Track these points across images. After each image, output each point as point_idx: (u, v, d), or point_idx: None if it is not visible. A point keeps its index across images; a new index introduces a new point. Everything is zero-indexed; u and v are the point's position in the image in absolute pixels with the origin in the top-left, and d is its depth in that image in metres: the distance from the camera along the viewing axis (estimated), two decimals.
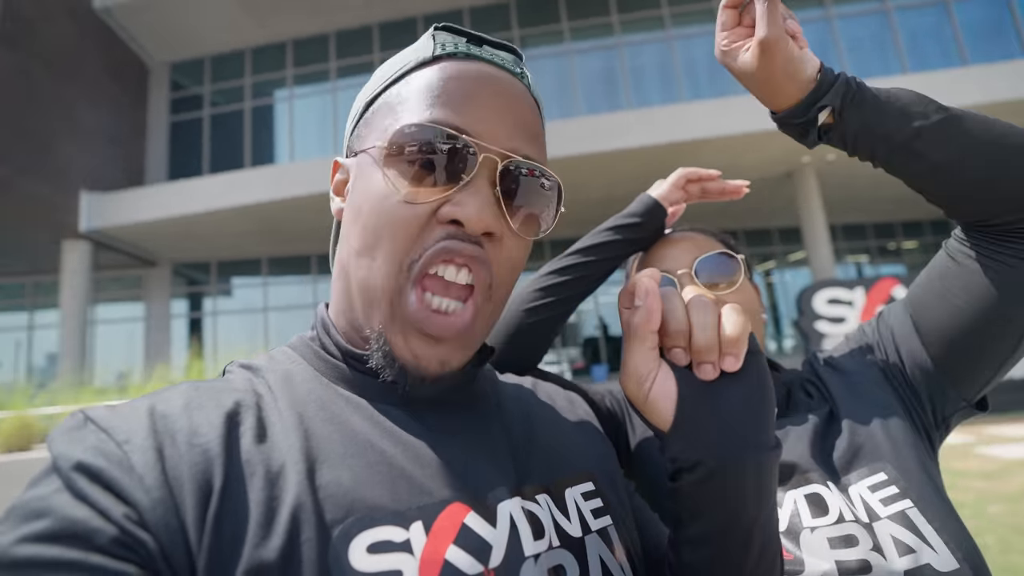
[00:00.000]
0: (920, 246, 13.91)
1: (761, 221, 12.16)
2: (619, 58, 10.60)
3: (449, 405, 0.44)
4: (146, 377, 6.93)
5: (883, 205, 12.18)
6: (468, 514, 0.36)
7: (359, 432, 0.38)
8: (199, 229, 9.72)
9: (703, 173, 0.79)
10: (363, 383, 0.42)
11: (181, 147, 11.63)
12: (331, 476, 0.35)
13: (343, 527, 0.33)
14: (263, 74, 11.55)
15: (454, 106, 0.39)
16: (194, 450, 0.33)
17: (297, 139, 11.40)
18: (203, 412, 0.36)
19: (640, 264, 0.76)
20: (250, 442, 0.35)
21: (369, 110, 0.44)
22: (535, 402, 0.53)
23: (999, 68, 7.87)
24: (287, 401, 0.39)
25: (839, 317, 6.22)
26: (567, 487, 0.45)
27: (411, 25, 11.12)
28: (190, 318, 11.93)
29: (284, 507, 0.33)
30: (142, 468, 0.31)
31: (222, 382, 0.40)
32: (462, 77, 0.41)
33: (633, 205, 0.77)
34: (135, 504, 0.30)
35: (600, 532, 0.43)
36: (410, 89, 0.41)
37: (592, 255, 0.75)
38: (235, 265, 11.98)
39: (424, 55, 0.42)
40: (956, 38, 9.83)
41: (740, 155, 8.49)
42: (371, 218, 0.40)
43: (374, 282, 0.40)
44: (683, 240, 0.73)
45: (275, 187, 8.70)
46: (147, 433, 0.33)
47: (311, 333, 0.47)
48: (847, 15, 10.19)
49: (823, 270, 8.90)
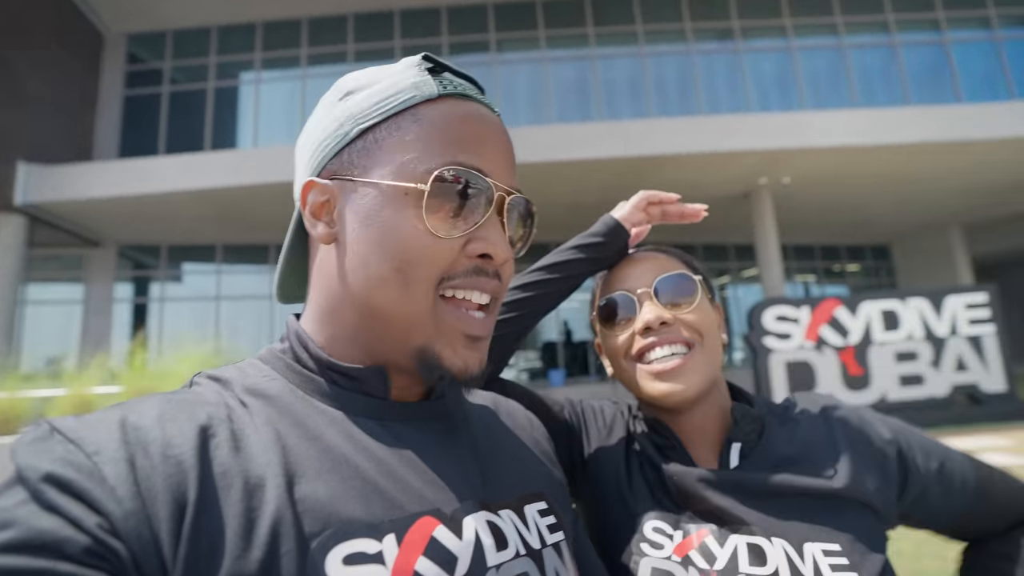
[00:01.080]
0: (862, 269, 14.82)
1: (718, 237, 12.65)
2: (592, 69, 10.82)
3: (422, 419, 0.46)
4: (82, 364, 6.53)
5: (831, 229, 12.92)
6: (437, 527, 0.39)
7: (334, 447, 0.40)
8: (150, 211, 9.25)
9: (663, 196, 0.81)
10: (339, 396, 0.43)
11: (135, 123, 11.04)
12: (309, 490, 0.36)
13: (320, 539, 0.35)
14: (229, 55, 11.13)
15: (473, 149, 0.43)
16: (168, 462, 0.33)
17: (262, 124, 11.04)
18: (176, 424, 0.36)
19: (603, 282, 0.77)
20: (226, 455, 0.36)
21: (367, 137, 0.44)
22: (497, 419, 0.56)
23: (936, 110, 8.51)
24: (263, 416, 0.40)
25: (786, 333, 6.54)
26: (527, 503, 0.48)
27: (387, 19, 11.00)
28: (134, 303, 11.29)
29: (264, 519, 0.34)
30: (114, 479, 0.31)
31: (192, 395, 0.40)
32: (470, 120, 0.44)
33: (596, 225, 0.79)
34: (107, 514, 0.30)
35: (554, 546, 0.46)
36: (424, 127, 0.43)
37: (556, 272, 0.76)
38: (187, 250, 11.44)
39: (428, 91, 0.44)
40: (901, 79, 10.56)
41: (703, 173, 8.82)
42: (400, 248, 0.42)
43: (410, 307, 0.42)
44: (645, 260, 0.74)
45: (236, 172, 8.38)
46: (118, 444, 0.33)
47: (282, 345, 0.47)
48: (808, 47, 10.78)
49: (773, 288, 9.35)
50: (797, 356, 6.50)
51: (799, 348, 6.51)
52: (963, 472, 0.67)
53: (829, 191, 9.97)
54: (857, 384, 6.53)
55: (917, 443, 0.68)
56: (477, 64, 11.07)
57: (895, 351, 6.64)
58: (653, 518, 0.64)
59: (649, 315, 0.67)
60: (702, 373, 0.66)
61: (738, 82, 10.68)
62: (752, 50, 10.80)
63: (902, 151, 8.35)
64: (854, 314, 6.68)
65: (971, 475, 0.68)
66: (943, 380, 6.65)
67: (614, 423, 0.76)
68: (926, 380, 6.63)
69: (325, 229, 0.45)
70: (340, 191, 0.44)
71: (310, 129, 0.48)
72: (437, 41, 10.97)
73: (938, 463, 0.67)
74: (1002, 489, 0.69)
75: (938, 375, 6.65)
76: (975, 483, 0.67)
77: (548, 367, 11.91)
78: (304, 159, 0.47)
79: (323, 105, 0.48)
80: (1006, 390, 6.70)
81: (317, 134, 0.46)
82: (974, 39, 10.76)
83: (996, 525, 0.70)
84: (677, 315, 0.68)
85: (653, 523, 0.63)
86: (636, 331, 0.69)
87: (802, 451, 0.65)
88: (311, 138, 0.47)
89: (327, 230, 0.45)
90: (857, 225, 12.74)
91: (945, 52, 10.67)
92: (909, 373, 6.63)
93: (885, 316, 6.69)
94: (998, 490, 0.69)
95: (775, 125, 8.27)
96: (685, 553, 0.60)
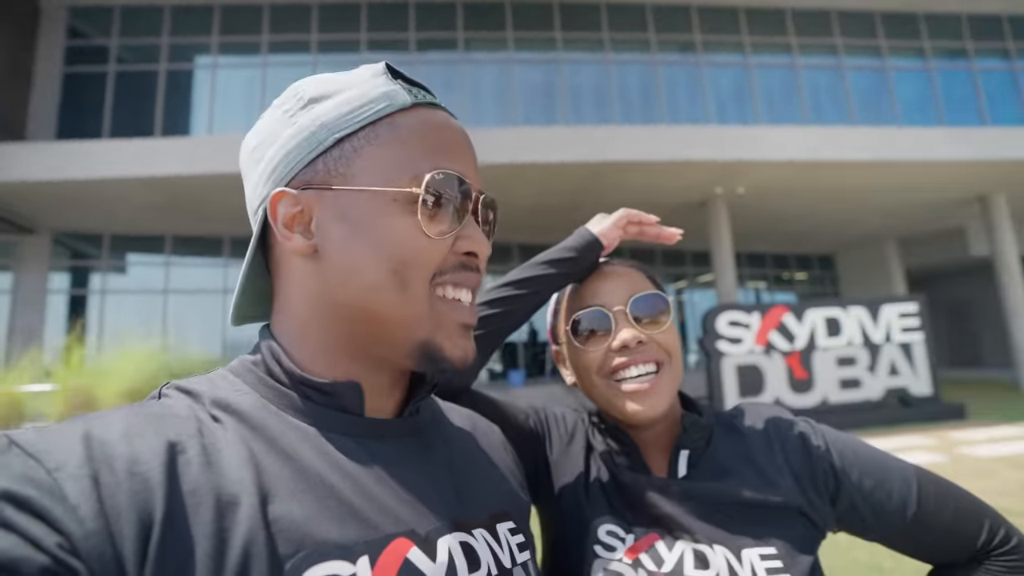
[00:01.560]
0: (809, 277, 15.63)
1: (676, 244, 13.00)
2: (559, 74, 10.95)
3: (397, 436, 0.46)
4: (10, 360, 6.07)
5: (781, 238, 13.57)
6: (411, 549, 0.39)
7: (309, 466, 0.39)
8: (92, 197, 8.70)
9: (644, 218, 0.82)
10: (313, 411, 0.43)
11: (76, 103, 10.35)
12: (283, 510, 0.36)
13: (294, 562, 0.34)
14: (184, 36, 10.62)
15: (451, 155, 0.45)
16: (135, 478, 0.32)
17: (218, 111, 10.58)
18: (144, 439, 0.34)
19: (573, 295, 0.77)
20: (196, 471, 0.35)
21: (343, 146, 0.44)
22: (474, 438, 0.57)
23: (877, 131, 9.09)
24: (235, 432, 0.39)
25: (737, 338, 6.81)
26: (498, 522, 0.49)
27: (353, 11, 10.77)
28: (71, 295, 10.58)
29: (235, 540, 0.33)
30: (76, 497, 0.30)
31: (161, 407, 0.39)
32: (445, 128, 0.46)
33: (571, 239, 0.78)
34: (68, 534, 0.29)
35: (523, 566, 0.48)
36: (403, 135, 0.44)
37: (525, 288, 0.75)
38: (133, 240, 10.82)
39: (402, 101, 0.45)
40: (847, 100, 11.21)
41: (663, 180, 9.08)
42: (396, 252, 0.43)
43: (409, 306, 0.43)
44: (618, 276, 0.74)
45: (190, 160, 8.01)
46: (81, 460, 0.32)
47: (254, 358, 0.46)
48: (764, 64, 11.28)
49: (727, 293, 9.73)
50: (747, 360, 6.77)
51: (749, 352, 6.79)
52: (902, 495, 0.67)
53: (780, 202, 10.48)
54: (801, 387, 6.88)
55: (854, 459, 0.69)
56: (444, 62, 11.01)
57: (836, 356, 7.03)
58: (607, 522, 0.66)
59: (627, 335, 0.68)
60: (669, 392, 0.69)
61: (698, 94, 11.07)
62: (712, 64, 11.22)
63: (846, 167, 8.87)
64: (800, 321, 7.04)
65: (911, 500, 0.67)
66: (878, 384, 7.10)
67: (575, 431, 0.78)
68: (863, 384, 7.06)
69: (303, 241, 0.43)
70: (317, 201, 0.43)
71: (264, 138, 0.46)
72: (404, 36, 10.83)
73: (873, 482, 0.68)
74: (953, 519, 0.67)
75: (873, 379, 7.09)
76: (915, 509, 0.67)
77: (508, 368, 11.95)
78: (263, 169, 0.45)
79: (279, 112, 0.46)
80: (932, 393, 7.22)
81: (279, 143, 0.44)
82: (910, 67, 11.55)
83: (955, 555, 0.69)
84: (651, 335, 0.70)
85: (607, 527, 0.66)
86: (612, 349, 0.69)
87: (745, 461, 0.69)
88: (270, 148, 0.45)
89: (305, 242, 0.43)
90: (805, 236, 13.43)
91: (886, 77, 11.41)
92: (848, 377, 7.04)
93: (828, 323, 7.08)
94: (946, 519, 0.67)
95: (732, 137, 8.62)
96: (636, 556, 0.62)
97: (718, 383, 6.64)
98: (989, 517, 0.68)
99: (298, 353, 0.45)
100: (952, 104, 11.35)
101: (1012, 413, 7.64)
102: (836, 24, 11.40)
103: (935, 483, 0.69)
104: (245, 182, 0.48)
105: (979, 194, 10.59)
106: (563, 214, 10.44)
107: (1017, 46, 11.77)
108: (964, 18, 11.70)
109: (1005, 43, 11.78)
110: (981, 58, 11.68)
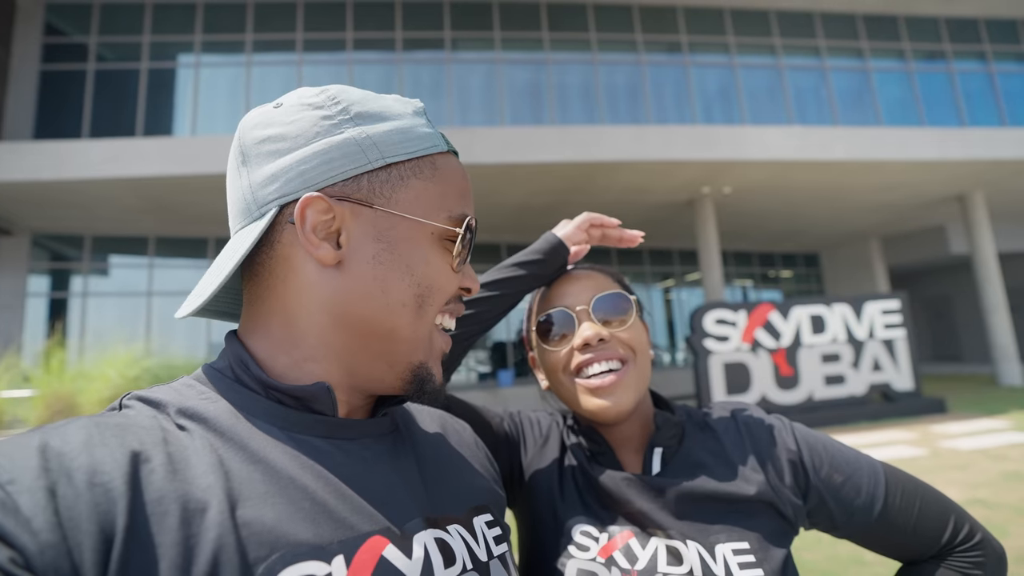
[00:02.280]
0: (794, 275, 15.84)
1: (664, 242, 13.15)
2: (546, 74, 10.97)
3: (368, 435, 0.47)
4: None
5: (767, 237, 13.74)
6: (386, 547, 0.39)
7: (280, 468, 0.39)
8: (71, 198, 8.53)
9: (605, 220, 0.84)
10: (284, 415, 0.43)
11: (54, 102, 10.14)
12: (254, 514, 0.35)
13: (267, 564, 0.34)
14: (166, 34, 10.45)
15: (470, 202, 0.51)
16: (95, 489, 0.32)
17: (202, 111, 10.43)
18: (106, 449, 0.34)
19: (541, 299, 0.79)
20: (161, 479, 0.34)
21: (390, 171, 0.45)
22: (444, 438, 0.58)
23: (859, 131, 9.25)
24: (202, 439, 0.38)
25: (724, 336, 6.89)
26: (474, 516, 0.50)
27: (339, 9, 10.69)
28: (51, 298, 10.37)
29: (203, 547, 0.33)
30: (29, 510, 0.29)
31: (122, 417, 0.38)
32: (466, 177, 0.52)
33: (538, 243, 0.81)
34: (20, 548, 0.28)
35: (500, 558, 0.49)
36: (442, 176, 0.49)
37: (496, 289, 0.77)
38: (116, 242, 10.63)
39: (441, 145, 0.49)
40: (830, 100, 11.39)
41: (650, 180, 9.15)
42: (426, 278, 0.47)
43: (418, 329, 0.47)
44: (582, 278, 0.77)
45: (173, 161, 7.88)
46: (37, 473, 0.31)
47: (221, 363, 0.46)
48: (749, 65, 11.41)
49: (714, 291, 9.83)
50: (734, 358, 6.85)
51: (736, 350, 6.87)
52: (870, 492, 0.69)
53: (766, 201, 10.61)
54: (787, 384, 6.97)
55: (824, 455, 0.71)
56: (431, 61, 10.97)
57: (821, 353, 7.14)
58: (581, 522, 0.67)
59: (588, 332, 0.70)
60: (635, 388, 0.70)
61: (684, 94, 11.16)
62: (698, 64, 11.32)
63: (831, 167, 9.01)
64: (786, 318, 7.13)
65: (879, 496, 0.69)
66: (861, 380, 7.22)
67: (550, 433, 0.80)
68: (847, 380, 7.18)
69: (330, 250, 0.43)
70: (352, 215, 0.44)
71: (288, 132, 0.43)
72: (391, 35, 10.77)
73: (842, 478, 0.69)
74: (919, 515, 0.69)
75: (857, 375, 7.22)
76: (882, 505, 0.68)
77: (497, 368, 11.96)
78: (284, 165, 0.43)
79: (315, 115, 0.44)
80: (913, 388, 7.37)
81: (317, 147, 0.43)
82: (892, 68, 11.76)
83: (922, 550, 0.70)
84: (613, 332, 0.71)
85: (581, 527, 0.67)
86: (575, 347, 0.71)
87: (717, 457, 0.70)
88: (301, 147, 0.43)
89: (332, 252, 0.43)
90: (790, 234, 13.61)
91: (868, 79, 11.60)
92: (833, 373, 7.15)
93: (813, 320, 7.19)
94: (913, 516, 0.69)
95: (718, 137, 8.70)
96: (609, 554, 0.63)
97: (706, 381, 6.71)
98: (954, 513, 0.70)
99: (279, 359, 0.44)
100: (932, 105, 11.58)
101: (991, 407, 7.83)
102: (819, 26, 11.57)
103: (902, 480, 0.71)
104: (241, 168, 0.45)
105: (958, 193, 10.83)
106: (550, 214, 10.46)
107: (994, 49, 12.05)
108: (942, 21, 11.94)
109: (982, 46, 12.05)
110: (959, 60, 11.93)
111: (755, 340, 6.95)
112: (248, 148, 0.45)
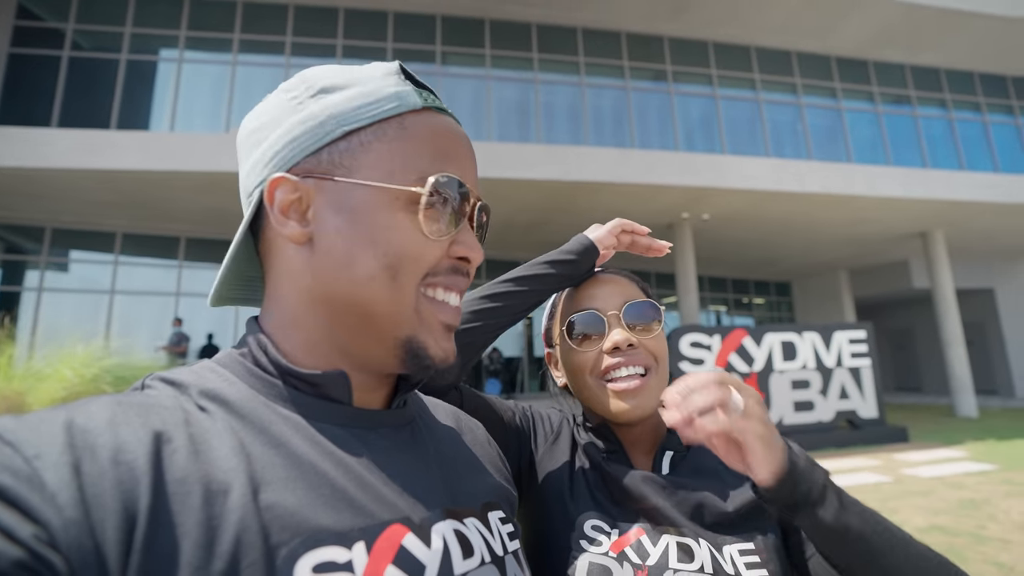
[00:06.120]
0: (767, 303, 16.26)
1: (643, 264, 13.35)
2: (534, 92, 11.13)
3: (386, 426, 0.47)
4: None
5: (742, 264, 14.10)
6: (406, 535, 0.39)
7: (301, 454, 0.39)
8: (35, 188, 8.18)
9: (637, 227, 0.86)
10: (302, 401, 0.43)
11: (24, 87, 9.74)
12: (276, 498, 0.35)
13: (289, 548, 0.34)
14: (149, 27, 10.21)
15: (456, 161, 0.47)
16: (119, 467, 0.31)
17: (181, 108, 10.17)
18: (129, 428, 0.34)
19: (569, 299, 0.79)
20: (184, 460, 0.34)
21: (350, 139, 0.44)
22: (459, 434, 0.57)
23: (831, 166, 9.65)
24: (223, 421, 0.38)
25: (699, 359, 6.98)
26: (489, 511, 0.50)
27: (331, 15, 10.66)
28: (1, 292, 9.84)
29: (226, 528, 0.33)
30: (55, 485, 0.29)
31: (145, 397, 0.38)
32: (451, 134, 0.47)
33: (571, 243, 0.82)
34: (45, 524, 0.28)
35: (514, 554, 0.49)
36: (411, 135, 0.45)
37: (526, 285, 0.78)
38: (79, 236, 10.18)
39: (412, 102, 0.45)
40: (806, 136, 11.85)
41: (632, 202, 9.31)
42: (393, 248, 0.43)
43: (397, 302, 0.44)
44: (611, 282, 0.78)
45: (148, 157, 7.64)
46: (63, 448, 0.30)
47: (242, 349, 0.46)
48: (730, 97, 11.80)
49: (689, 315, 9.99)
50: None
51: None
52: None
53: (743, 230, 10.91)
54: None
55: None
56: (420, 74, 10.97)
57: (791, 379, 7.31)
58: (592, 517, 0.68)
59: (619, 337, 0.72)
60: (656, 395, 0.71)
61: (668, 121, 11.45)
62: (681, 93, 11.65)
63: (804, 199, 9.34)
64: (759, 344, 7.28)
65: None
66: (829, 407, 7.40)
67: (561, 429, 0.81)
68: (815, 406, 7.35)
69: (297, 228, 0.43)
70: (317, 190, 0.43)
71: (266, 121, 0.45)
72: (381, 45, 10.78)
73: None
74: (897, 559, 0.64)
75: (825, 402, 7.39)
76: None
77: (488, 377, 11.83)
78: (262, 153, 0.45)
79: (285, 98, 0.46)
80: (878, 416, 7.58)
81: (283, 128, 0.44)
82: (862, 109, 12.34)
83: None
84: (641, 339, 0.73)
85: (592, 522, 0.67)
86: (604, 350, 0.73)
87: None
88: (273, 132, 0.45)
89: (300, 229, 0.43)
90: (765, 263, 14.00)
91: (840, 117, 12.14)
92: (802, 399, 7.31)
93: (784, 347, 7.36)
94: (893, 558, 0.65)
95: (700, 164, 8.95)
96: (621, 549, 0.64)
97: None
98: None
99: (286, 344, 0.44)
100: (898, 146, 12.15)
101: (949, 436, 8.11)
102: (796, 64, 12.08)
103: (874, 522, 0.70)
104: (241, 164, 0.48)
105: (921, 230, 11.35)
106: (533, 231, 10.52)
107: (953, 98, 12.78)
108: (908, 68, 12.62)
109: (943, 95, 12.76)
110: (923, 106, 12.60)
111: (729, 364, 7.06)
112: (241, 143, 0.48)
